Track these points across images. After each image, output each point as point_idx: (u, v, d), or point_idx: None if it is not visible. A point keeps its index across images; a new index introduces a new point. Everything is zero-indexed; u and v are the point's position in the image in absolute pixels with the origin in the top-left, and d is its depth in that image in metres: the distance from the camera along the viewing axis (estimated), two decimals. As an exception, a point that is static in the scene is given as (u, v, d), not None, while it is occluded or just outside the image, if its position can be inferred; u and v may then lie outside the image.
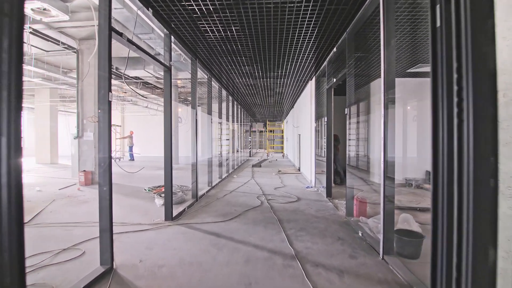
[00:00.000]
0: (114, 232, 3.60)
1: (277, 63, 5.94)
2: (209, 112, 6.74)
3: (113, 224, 4.01)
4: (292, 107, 13.45)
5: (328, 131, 5.49)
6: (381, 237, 2.78)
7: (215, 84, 7.92)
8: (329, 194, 5.54)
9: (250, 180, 8.13)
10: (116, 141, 17.63)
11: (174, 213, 4.20)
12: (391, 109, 2.71)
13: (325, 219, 4.13)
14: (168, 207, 3.99)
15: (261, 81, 7.80)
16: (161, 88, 13.60)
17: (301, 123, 9.75)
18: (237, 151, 13.73)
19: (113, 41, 2.71)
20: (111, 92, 2.53)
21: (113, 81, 11.86)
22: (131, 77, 10.74)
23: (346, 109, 4.10)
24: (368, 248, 3.05)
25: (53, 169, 10.78)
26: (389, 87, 2.72)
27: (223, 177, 8.25)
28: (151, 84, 12.41)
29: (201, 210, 4.64)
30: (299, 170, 10.36)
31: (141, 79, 11.08)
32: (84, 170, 7.35)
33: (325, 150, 6.91)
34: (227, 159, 9.50)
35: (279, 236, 3.39)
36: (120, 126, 18.80)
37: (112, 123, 13.94)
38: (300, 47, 4.93)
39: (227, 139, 9.57)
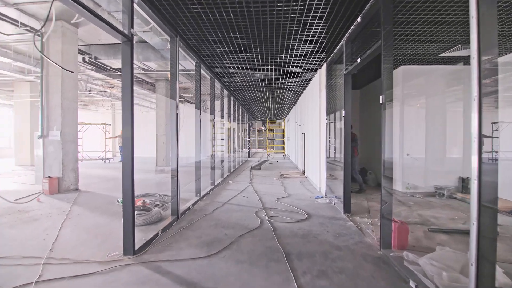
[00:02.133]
0: (39, 279, 2.42)
1: (280, 45, 4.75)
2: (197, 107, 5.55)
3: (49, 261, 2.79)
4: (295, 103, 12.26)
5: (347, 128, 4.30)
6: (467, 308, 1.60)
7: (206, 74, 6.73)
8: (347, 209, 4.36)
9: (247, 187, 6.94)
10: (105, 141, 16.45)
11: (141, 241, 3.03)
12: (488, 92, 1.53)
13: (350, 251, 2.94)
14: (128, 236, 2.80)
15: (261, 70, 6.61)
16: (150, 83, 12.40)
17: (307, 121, 8.56)
18: (234, 151, 12.55)
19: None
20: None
21: (96, 74, 10.66)
22: (114, 68, 9.53)
23: (381, 96, 2.92)
24: (436, 318, 1.86)
25: (30, 172, 9.56)
26: (487, 50, 1.53)
27: (216, 183, 7.06)
28: (139, 78, 11.21)
29: (179, 235, 3.45)
30: (303, 174, 9.18)
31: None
32: (49, 176, 6.16)
33: (335, 151, 5.74)
34: (221, 162, 8.32)
35: (289, 288, 2.20)
36: (110, 124, 17.56)
37: (102, 121, 12.75)
38: (311, 18, 3.74)
39: (222, 139, 8.39)
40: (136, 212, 3.82)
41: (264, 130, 26.13)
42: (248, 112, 16.78)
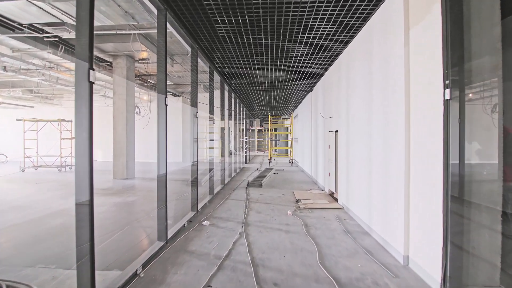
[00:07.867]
0: None
1: None
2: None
3: None
4: (311, 89, 8.68)
5: None
6: None
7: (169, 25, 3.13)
8: None
9: (237, 241, 3.32)
10: (63, 143, 12.87)
11: None
12: None
13: None
14: None
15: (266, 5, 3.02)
16: (107, 62, 8.80)
17: (347, 107, 4.99)
18: (223, 155, 8.90)
19: None
20: None
21: (21, 45, 7.04)
22: (32, 29, 5.87)
23: None
24: None
25: None
26: None
27: (176, 230, 3.45)
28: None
29: None
30: (333, 197, 5.60)
31: (47, 32, 6.23)
32: None
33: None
34: (192, 181, 4.69)
35: None
36: (72, 121, 13.92)
37: (58, 117, 8.52)
38: None
39: (195, 138, 4.79)
40: None
41: (265, 130, 22.54)
42: (245, 105, 13.18)
